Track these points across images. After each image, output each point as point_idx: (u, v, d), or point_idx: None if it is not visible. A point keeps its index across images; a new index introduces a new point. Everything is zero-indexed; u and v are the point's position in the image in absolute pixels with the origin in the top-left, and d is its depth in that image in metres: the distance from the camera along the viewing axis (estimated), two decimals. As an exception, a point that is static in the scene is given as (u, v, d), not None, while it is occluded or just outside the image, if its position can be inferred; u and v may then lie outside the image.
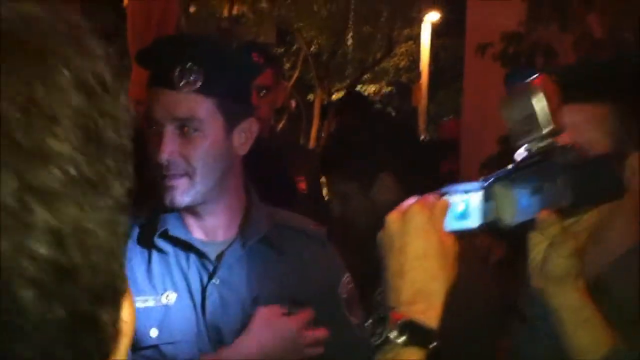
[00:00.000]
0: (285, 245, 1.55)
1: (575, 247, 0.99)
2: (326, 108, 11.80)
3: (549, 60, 3.20)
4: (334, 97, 13.23)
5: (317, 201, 2.73)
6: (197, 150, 1.41)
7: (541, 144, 0.95)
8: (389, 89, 17.76)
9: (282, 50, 11.65)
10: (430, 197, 0.99)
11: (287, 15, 10.77)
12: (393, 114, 20.63)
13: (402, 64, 16.10)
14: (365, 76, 15.18)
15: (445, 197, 0.99)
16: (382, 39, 13.49)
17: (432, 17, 14.61)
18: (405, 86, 18.03)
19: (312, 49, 11.84)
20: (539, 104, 0.94)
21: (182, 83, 1.39)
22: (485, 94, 3.92)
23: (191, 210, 1.47)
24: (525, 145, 0.97)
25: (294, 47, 12.17)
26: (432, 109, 14.65)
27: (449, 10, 13.47)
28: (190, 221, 1.48)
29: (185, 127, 1.42)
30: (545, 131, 0.95)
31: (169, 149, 1.39)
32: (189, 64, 1.40)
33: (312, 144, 10.84)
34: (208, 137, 1.43)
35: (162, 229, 1.46)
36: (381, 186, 1.86)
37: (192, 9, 10.91)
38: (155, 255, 1.47)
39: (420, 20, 15.08)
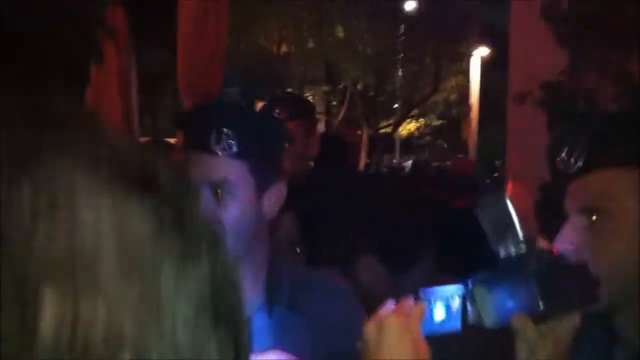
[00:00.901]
0: (311, 306, 1.53)
1: (554, 352, 0.99)
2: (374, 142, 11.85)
3: (590, 107, 3.17)
4: (382, 131, 13.29)
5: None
6: (229, 214, 1.46)
7: (518, 250, 0.97)
8: (440, 122, 17.75)
9: (330, 88, 11.78)
10: (407, 304, 0.99)
11: (334, 54, 10.90)
12: (445, 145, 20.62)
13: (452, 97, 16.08)
14: (414, 111, 15.20)
15: (423, 302, 1.00)
16: (429, 76, 13.50)
17: (480, 51, 14.62)
18: (455, 119, 17.99)
19: (358, 86, 11.93)
20: (515, 211, 0.96)
21: (218, 147, 1.46)
22: (527, 136, 3.90)
23: None
24: (503, 250, 0.97)
25: (341, 85, 12.29)
26: (480, 144, 14.54)
27: (496, 44, 13.42)
28: None
29: (219, 190, 1.47)
30: (521, 237, 0.96)
31: None
32: (225, 129, 1.46)
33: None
34: (240, 201, 1.47)
35: None
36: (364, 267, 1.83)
37: (242, 45, 11.14)
38: None
39: (469, 55, 15.09)
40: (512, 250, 0.98)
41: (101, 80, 5.74)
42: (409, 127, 15.60)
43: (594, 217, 1.04)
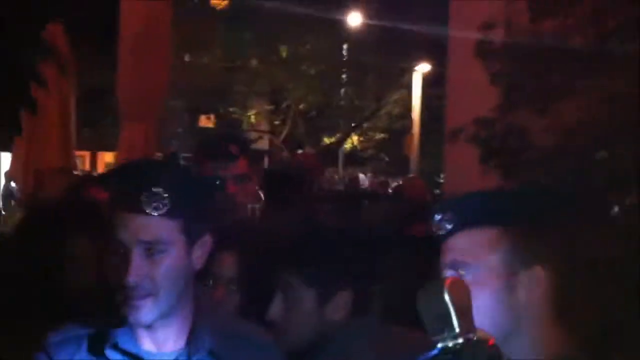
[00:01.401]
0: (232, 357, 1.54)
1: None
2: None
3: (522, 143, 3.21)
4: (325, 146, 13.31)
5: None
6: (162, 270, 1.45)
7: (453, 342, 0.97)
8: (382, 136, 17.88)
9: (273, 107, 11.76)
10: None
11: (277, 73, 10.88)
12: (386, 159, 20.78)
13: (395, 111, 16.21)
14: (357, 126, 15.26)
15: None
16: (372, 92, 13.62)
17: (422, 67, 14.79)
18: (398, 134, 18.15)
19: (300, 106, 11.96)
20: (452, 303, 0.97)
21: (149, 208, 1.44)
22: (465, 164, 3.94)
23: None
24: (439, 342, 0.98)
25: (284, 105, 12.27)
26: (422, 159, 14.72)
27: (437, 61, 13.62)
28: (141, 332, 1.49)
29: (151, 249, 1.44)
30: (457, 330, 0.97)
31: (137, 272, 1.42)
32: (156, 189, 1.45)
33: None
34: (172, 257, 1.46)
35: (113, 340, 1.47)
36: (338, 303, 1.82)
37: (186, 59, 11.04)
38: None
39: (411, 70, 15.26)
40: (448, 341, 0.97)
41: (40, 99, 5.62)
42: (352, 140, 15.67)
43: (461, 272, 1.24)
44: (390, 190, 11.20)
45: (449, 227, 1.31)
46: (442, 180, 5.55)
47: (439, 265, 1.30)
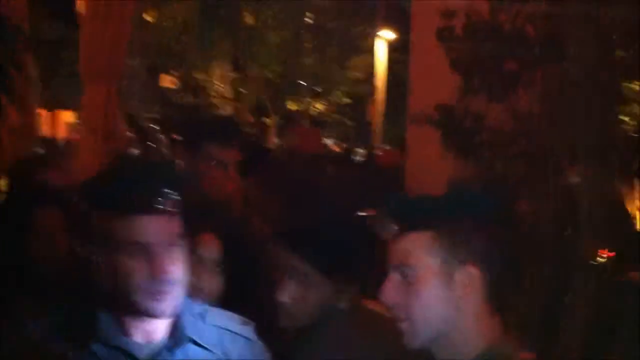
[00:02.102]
0: (214, 346, 1.64)
1: None
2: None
3: (478, 126, 3.39)
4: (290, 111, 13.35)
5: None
6: (181, 267, 1.55)
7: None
8: (346, 101, 17.93)
9: (239, 76, 11.76)
10: None
11: (242, 41, 10.87)
12: (349, 123, 20.86)
13: (358, 75, 16.26)
14: (320, 90, 15.31)
15: None
16: (335, 62, 13.66)
17: (386, 34, 14.86)
18: (361, 99, 18.22)
19: (265, 72, 11.99)
20: None
21: (163, 206, 1.53)
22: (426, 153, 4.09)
23: None
24: None
25: (247, 71, 12.26)
26: (387, 125, 14.84)
27: (401, 29, 13.69)
28: (129, 322, 1.57)
29: (171, 244, 1.54)
30: None
31: (166, 268, 1.52)
32: (166, 188, 1.55)
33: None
34: (184, 252, 1.57)
35: (99, 333, 1.55)
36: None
37: (149, 18, 10.92)
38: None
39: (374, 35, 15.29)
40: None
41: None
42: (317, 106, 15.70)
43: (406, 272, 1.40)
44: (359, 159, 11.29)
45: (394, 229, 1.45)
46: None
47: None
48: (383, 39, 15.09)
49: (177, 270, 1.55)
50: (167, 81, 15.93)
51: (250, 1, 10.73)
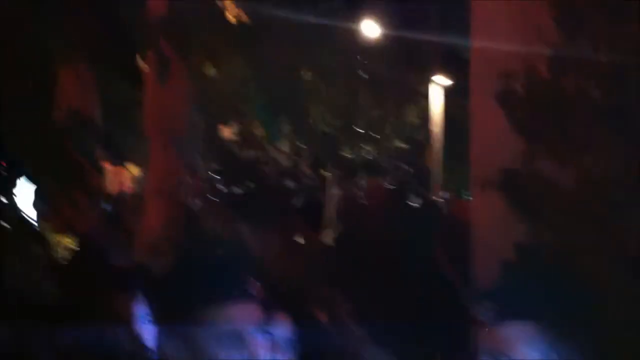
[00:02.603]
0: None
1: None
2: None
3: (546, 191, 3.30)
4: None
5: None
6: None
7: None
8: (402, 146, 17.87)
9: (293, 126, 11.89)
10: None
11: (300, 95, 11.01)
12: (409, 169, 20.74)
13: (416, 121, 16.22)
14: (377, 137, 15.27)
15: None
16: (391, 109, 13.70)
17: (441, 80, 14.84)
18: (420, 144, 18.13)
19: (320, 125, 12.12)
20: None
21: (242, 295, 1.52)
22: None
23: None
24: None
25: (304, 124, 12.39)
26: (445, 174, 14.69)
27: (457, 74, 13.65)
28: None
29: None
30: None
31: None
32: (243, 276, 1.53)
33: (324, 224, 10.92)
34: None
35: None
36: None
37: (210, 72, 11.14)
38: None
39: (429, 80, 15.26)
40: None
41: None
42: (371, 149, 15.64)
43: None
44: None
45: (491, 317, 1.39)
46: (470, 198, 5.44)
47: None
48: (438, 85, 15.07)
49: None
50: (227, 132, 16.25)
51: (308, 56, 10.89)
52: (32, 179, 1.89)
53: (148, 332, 1.80)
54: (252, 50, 10.54)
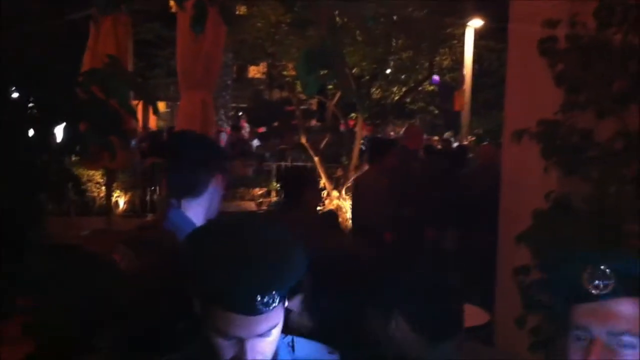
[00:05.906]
0: None
1: None
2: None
3: (586, 144, 3.27)
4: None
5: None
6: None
7: None
8: (432, 88, 17.70)
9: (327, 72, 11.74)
10: None
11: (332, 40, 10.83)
12: (436, 112, 20.60)
13: (446, 63, 16.00)
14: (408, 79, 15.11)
15: None
16: (424, 56, 13.46)
17: (475, 22, 14.58)
18: (448, 87, 17.96)
19: (354, 71, 11.95)
20: None
21: (265, 308, 1.49)
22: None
23: None
24: None
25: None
26: (473, 120, 14.54)
27: (492, 16, 13.37)
28: None
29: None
30: None
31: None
32: (272, 291, 1.49)
33: (354, 162, 10.95)
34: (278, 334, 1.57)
35: None
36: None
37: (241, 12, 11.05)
38: None
39: (463, 24, 15.00)
40: None
41: (98, 44, 5.85)
42: (399, 92, 15.51)
43: (623, 340, 1.21)
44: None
45: (608, 290, 1.24)
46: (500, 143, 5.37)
47: None
48: (471, 28, 14.81)
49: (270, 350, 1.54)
50: (256, 72, 16.13)
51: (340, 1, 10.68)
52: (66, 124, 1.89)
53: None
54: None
